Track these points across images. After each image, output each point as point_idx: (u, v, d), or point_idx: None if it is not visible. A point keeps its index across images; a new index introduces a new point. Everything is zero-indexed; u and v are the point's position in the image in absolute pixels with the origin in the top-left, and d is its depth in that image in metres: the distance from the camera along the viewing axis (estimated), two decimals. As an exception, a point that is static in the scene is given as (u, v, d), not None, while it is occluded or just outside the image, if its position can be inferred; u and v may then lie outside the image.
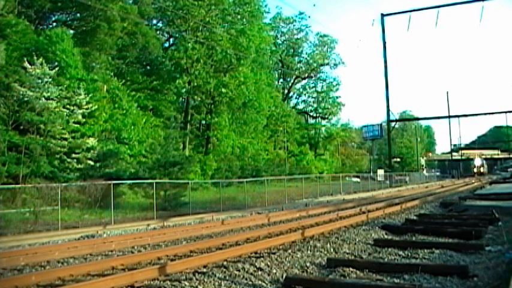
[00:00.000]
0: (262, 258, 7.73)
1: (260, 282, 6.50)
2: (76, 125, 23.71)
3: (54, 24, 34.68)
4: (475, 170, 78.10)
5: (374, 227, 11.67)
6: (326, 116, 65.18)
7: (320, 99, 64.43)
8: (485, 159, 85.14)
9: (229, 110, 41.29)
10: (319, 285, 6.11)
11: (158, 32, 42.33)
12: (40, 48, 25.14)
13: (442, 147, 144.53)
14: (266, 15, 53.86)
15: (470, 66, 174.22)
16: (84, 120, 24.45)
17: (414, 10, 19.42)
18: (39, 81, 22.19)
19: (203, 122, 42.41)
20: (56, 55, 25.06)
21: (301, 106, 66.84)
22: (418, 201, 20.30)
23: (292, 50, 64.40)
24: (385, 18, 19.97)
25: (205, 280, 6.37)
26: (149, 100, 36.26)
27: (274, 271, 7.03)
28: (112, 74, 32.08)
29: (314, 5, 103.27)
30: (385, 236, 10.81)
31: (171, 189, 19.87)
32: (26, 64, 22.22)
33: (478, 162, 79.61)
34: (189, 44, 35.28)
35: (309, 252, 8.43)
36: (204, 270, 7.00)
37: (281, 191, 25.82)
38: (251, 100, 40.91)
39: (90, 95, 25.01)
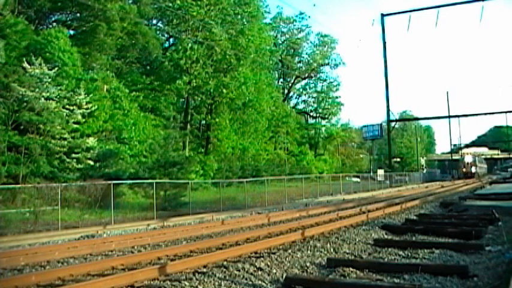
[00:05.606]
0: (262, 258, 7.73)
1: (260, 282, 6.50)
2: (76, 125, 23.68)
3: (54, 24, 34.64)
4: (464, 169, 59.31)
5: (374, 227, 11.67)
6: (326, 116, 65.14)
7: (320, 99, 64.38)
8: (486, 159, 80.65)
9: (229, 111, 41.24)
10: (319, 285, 6.11)
11: (158, 32, 42.29)
12: (38, 48, 25.11)
13: (442, 147, 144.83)
14: (266, 15, 54.06)
15: (470, 66, 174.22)
16: (84, 120, 24.42)
17: (414, 10, 19.31)
18: (39, 81, 22.17)
19: (203, 122, 42.37)
20: (53, 54, 25.00)
21: (301, 106, 66.86)
22: (418, 201, 20.32)
23: (292, 50, 64.34)
24: (385, 18, 19.85)
25: (205, 280, 6.37)
26: (149, 100, 36.24)
27: (274, 271, 7.03)
28: (112, 74, 32.06)
29: (314, 5, 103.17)
30: (385, 236, 10.81)
31: (171, 189, 19.87)
32: (26, 64, 22.22)
33: (468, 159, 61.72)
34: (189, 44, 35.25)
35: (309, 252, 8.43)
36: (204, 270, 7.00)
37: (281, 191, 25.81)
38: (251, 100, 40.87)
39: (90, 95, 24.99)
